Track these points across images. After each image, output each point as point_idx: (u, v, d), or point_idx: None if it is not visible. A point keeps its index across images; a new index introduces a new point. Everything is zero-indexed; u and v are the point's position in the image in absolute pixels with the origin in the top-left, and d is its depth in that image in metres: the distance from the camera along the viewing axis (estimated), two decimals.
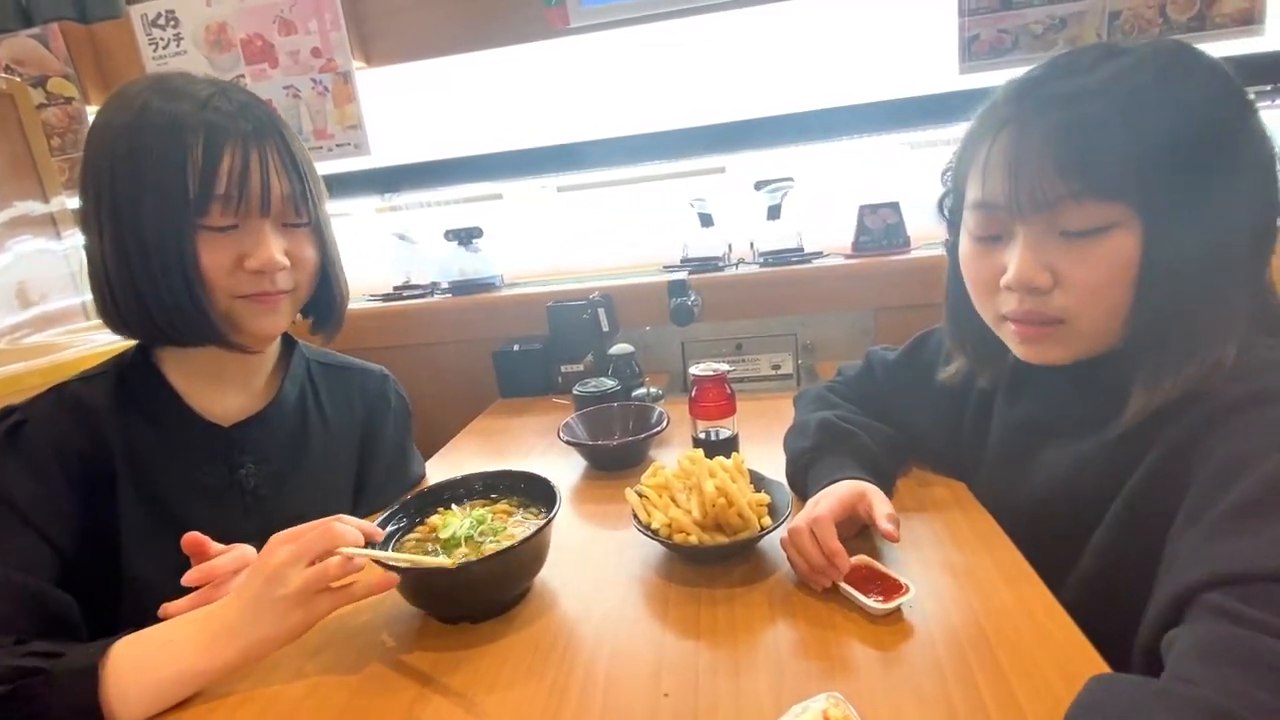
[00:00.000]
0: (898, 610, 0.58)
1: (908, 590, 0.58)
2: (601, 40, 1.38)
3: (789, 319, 1.40)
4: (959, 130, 1.40)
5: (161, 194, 0.63)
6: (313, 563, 0.56)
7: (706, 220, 1.47)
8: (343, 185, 1.50)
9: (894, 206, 1.38)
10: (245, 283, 0.68)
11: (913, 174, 1.44)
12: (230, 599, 0.55)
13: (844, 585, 0.60)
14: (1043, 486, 0.68)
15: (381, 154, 1.44)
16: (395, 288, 1.65)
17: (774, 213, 1.45)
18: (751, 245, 1.50)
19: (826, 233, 1.49)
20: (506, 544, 0.64)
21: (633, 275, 1.51)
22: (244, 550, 0.65)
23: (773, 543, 0.69)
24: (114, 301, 0.66)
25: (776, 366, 1.38)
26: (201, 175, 0.63)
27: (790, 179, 1.41)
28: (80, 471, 0.67)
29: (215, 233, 0.65)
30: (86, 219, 0.66)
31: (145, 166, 0.63)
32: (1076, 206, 0.55)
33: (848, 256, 1.41)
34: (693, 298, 1.33)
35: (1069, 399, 0.67)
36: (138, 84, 0.67)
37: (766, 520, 0.68)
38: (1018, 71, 1.20)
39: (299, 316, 0.78)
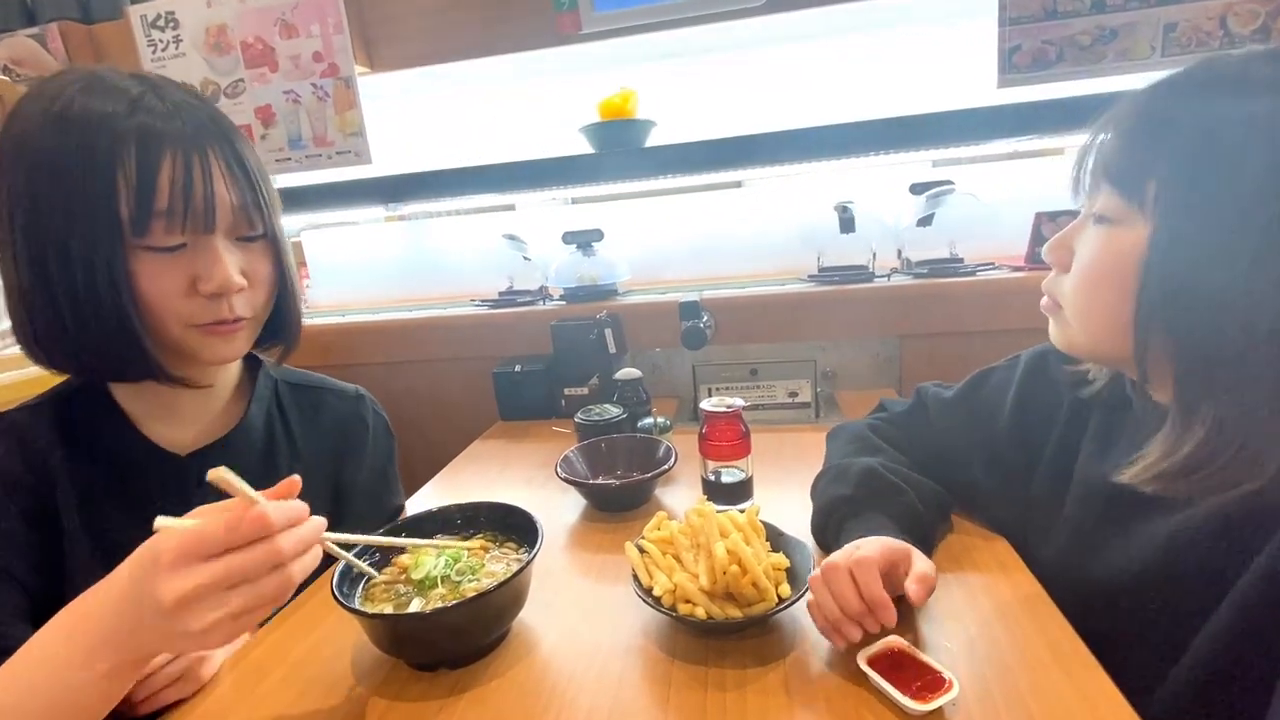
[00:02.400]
0: (939, 710, 0.49)
1: (951, 687, 0.50)
2: (615, 47, 1.31)
3: (808, 344, 1.31)
4: (995, 148, 1.30)
5: (89, 212, 0.55)
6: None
7: (847, 225, 1.32)
8: (344, 195, 1.44)
9: (1075, 215, 1.24)
10: (200, 309, 0.61)
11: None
12: (108, 610, 0.44)
13: (875, 676, 0.51)
14: (1131, 564, 0.58)
15: (383, 163, 1.38)
16: (501, 293, 1.54)
17: (927, 220, 1.30)
18: (900, 254, 1.37)
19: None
20: (490, 582, 0.60)
21: (754, 285, 1.40)
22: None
23: (790, 614, 0.61)
24: (36, 335, 0.58)
25: (794, 394, 1.30)
26: (138, 189, 0.55)
27: (950, 183, 1.27)
28: (30, 506, 0.61)
29: (159, 254, 0.58)
30: None
31: (68, 179, 0.54)
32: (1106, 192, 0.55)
33: (1016, 269, 1.27)
34: (706, 319, 1.25)
35: None
36: (61, 78, 0.58)
37: (785, 589, 0.60)
38: (1060, 86, 1.09)
39: None
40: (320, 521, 0.48)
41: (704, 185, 1.50)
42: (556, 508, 0.91)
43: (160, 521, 0.42)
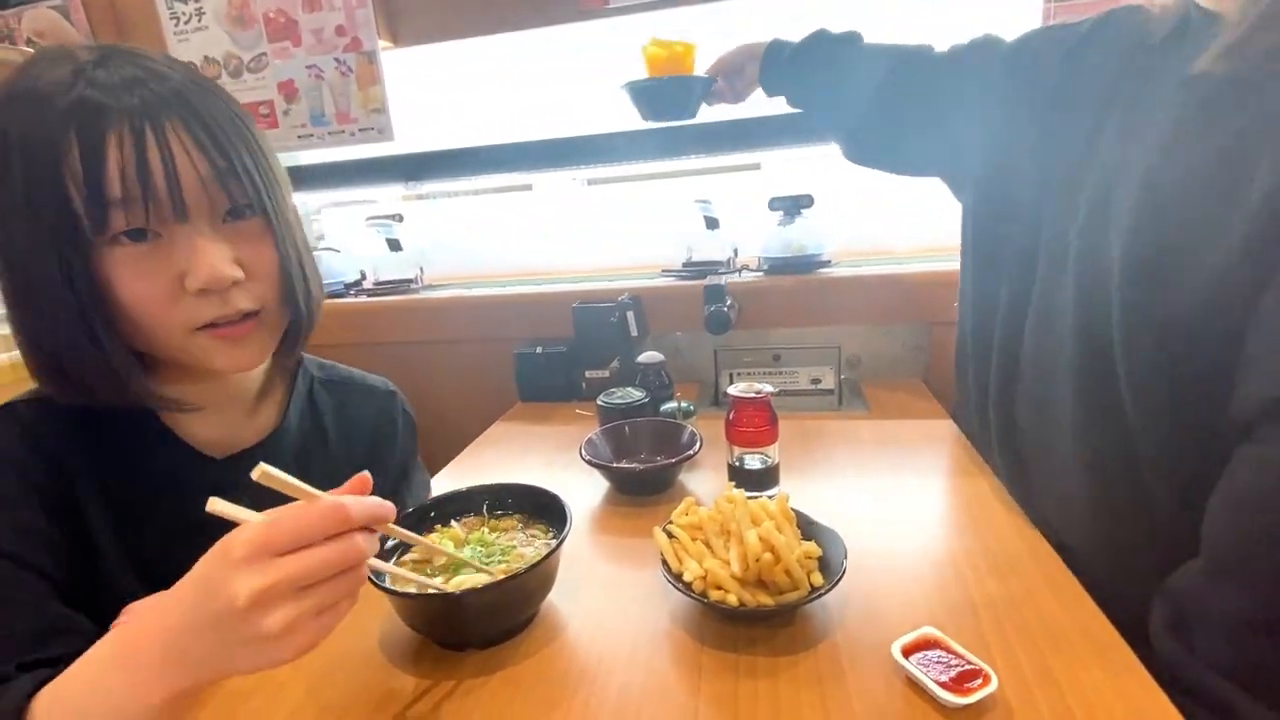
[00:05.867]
0: (977, 703, 0.48)
1: (989, 680, 0.49)
2: (642, 23, 1.28)
3: (833, 330, 1.29)
4: None
5: (42, 209, 0.47)
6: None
7: None
8: (362, 173, 1.43)
9: None
10: (195, 309, 0.52)
11: None
12: (173, 619, 0.39)
13: (911, 667, 0.51)
14: None
15: (406, 141, 1.36)
16: (685, 264, 1.42)
17: None
18: None
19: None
20: (519, 564, 0.60)
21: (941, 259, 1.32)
22: None
23: (820, 604, 0.60)
24: (35, 365, 0.53)
25: (817, 380, 1.28)
26: (84, 176, 0.47)
27: None
28: (50, 501, 0.55)
29: (130, 250, 0.50)
30: None
31: (14, 172, 0.47)
32: None
33: None
34: (729, 303, 1.23)
35: None
36: (34, 56, 0.52)
37: (817, 577, 0.59)
38: None
39: None
40: (390, 512, 0.43)
41: (722, 167, 1.46)
42: (579, 491, 0.91)
43: (215, 503, 0.38)
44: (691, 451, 0.88)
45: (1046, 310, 0.70)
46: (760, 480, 0.82)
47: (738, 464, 0.83)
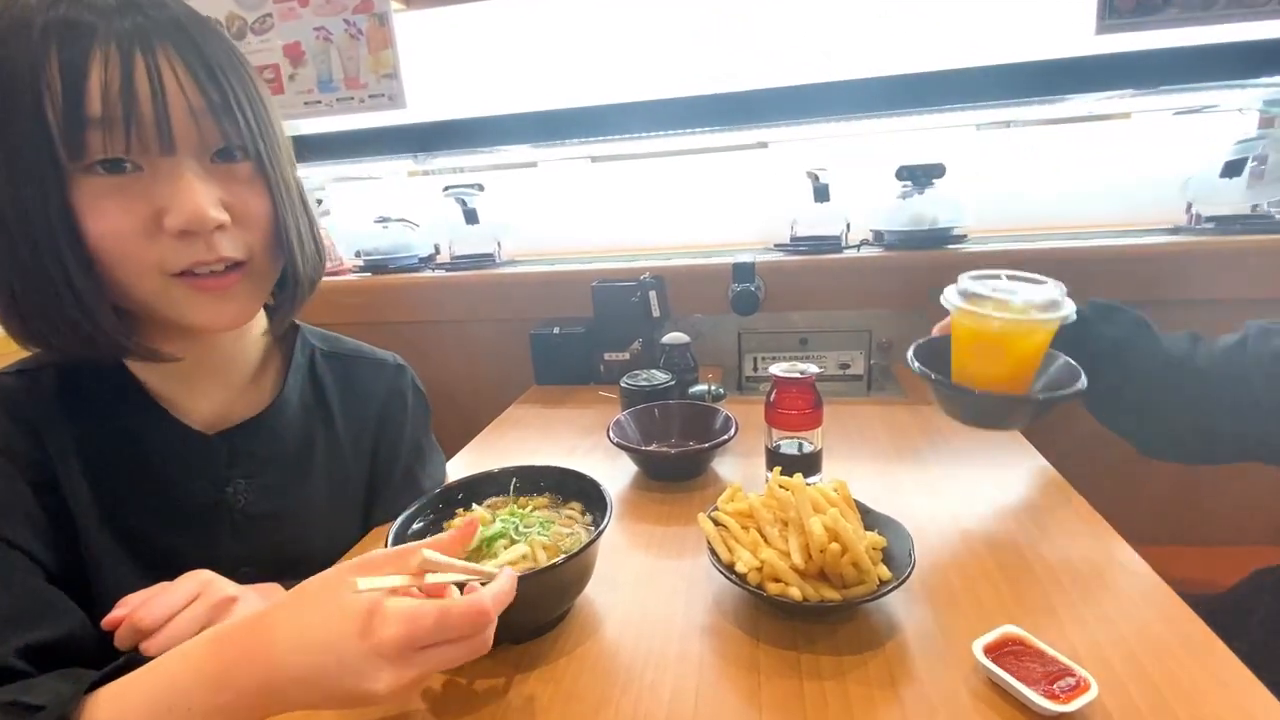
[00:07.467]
0: (1077, 711, 0.44)
1: (1088, 687, 0.44)
2: None
3: (863, 314, 1.24)
4: (1090, 102, 1.17)
5: (16, 133, 0.43)
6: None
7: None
8: (371, 142, 1.36)
9: None
10: (172, 251, 0.48)
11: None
12: (290, 664, 0.38)
13: (999, 671, 0.46)
14: None
15: (417, 109, 1.30)
16: (794, 238, 1.32)
17: (1237, 167, 1.11)
18: (1190, 208, 1.21)
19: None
20: (558, 540, 0.57)
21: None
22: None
23: (885, 599, 0.55)
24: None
25: (845, 365, 1.23)
26: (63, 94, 0.43)
27: None
28: (33, 480, 0.51)
29: (106, 179, 0.45)
30: None
31: None
32: None
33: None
34: (757, 284, 1.18)
35: None
36: None
37: (883, 570, 0.54)
38: (1166, 34, 0.95)
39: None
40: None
41: (725, 146, 1.40)
42: (604, 476, 0.84)
43: (364, 583, 0.39)
44: (728, 436, 0.83)
45: None
46: (802, 467, 0.77)
47: (778, 449, 0.78)
